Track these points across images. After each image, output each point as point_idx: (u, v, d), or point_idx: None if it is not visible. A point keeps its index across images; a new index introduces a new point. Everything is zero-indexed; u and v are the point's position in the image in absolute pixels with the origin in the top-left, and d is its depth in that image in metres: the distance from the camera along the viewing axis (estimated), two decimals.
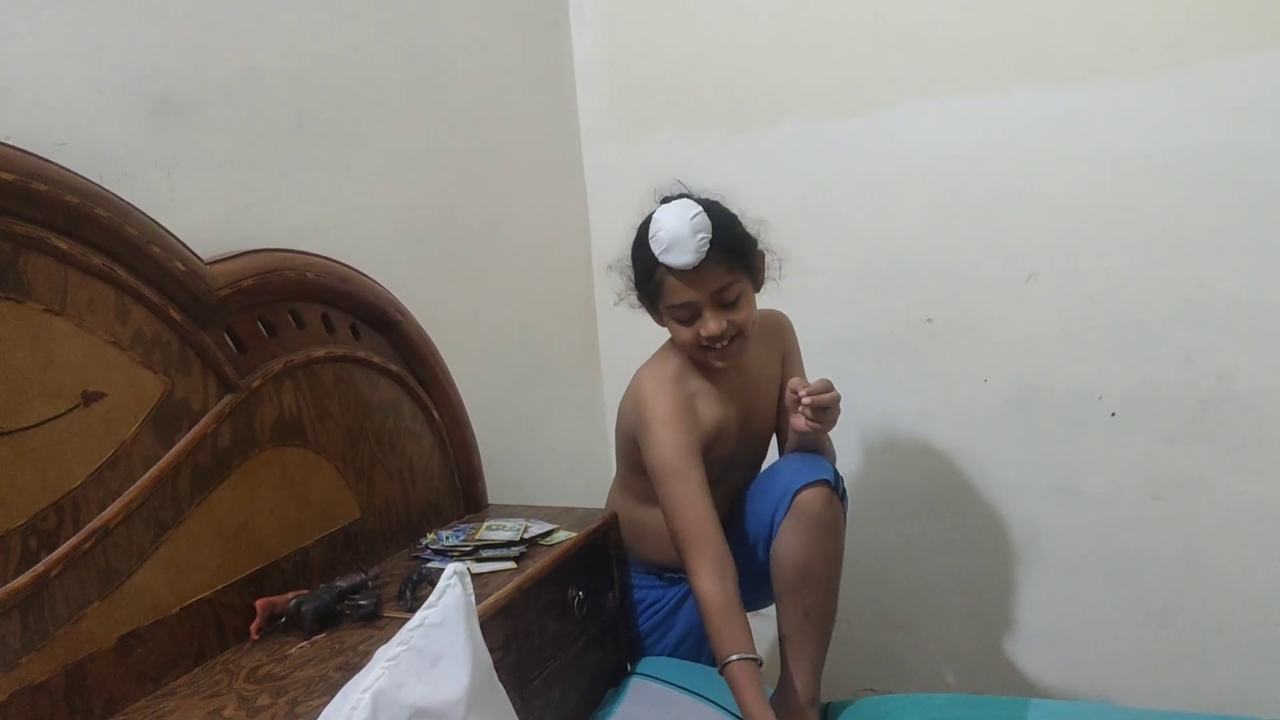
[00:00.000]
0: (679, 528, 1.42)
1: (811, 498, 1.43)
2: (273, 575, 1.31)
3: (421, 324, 1.58)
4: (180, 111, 1.28)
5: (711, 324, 1.48)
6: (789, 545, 1.45)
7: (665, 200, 1.52)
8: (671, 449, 1.46)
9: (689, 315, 1.50)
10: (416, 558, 1.50)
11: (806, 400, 1.42)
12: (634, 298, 1.59)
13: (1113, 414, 1.84)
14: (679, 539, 1.42)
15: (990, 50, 1.83)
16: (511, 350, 1.98)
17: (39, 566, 1.02)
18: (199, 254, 1.21)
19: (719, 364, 1.54)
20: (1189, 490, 1.81)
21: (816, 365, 1.74)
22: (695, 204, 1.47)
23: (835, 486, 1.46)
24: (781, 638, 1.49)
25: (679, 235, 1.43)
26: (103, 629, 1.09)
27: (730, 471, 1.62)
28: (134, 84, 1.22)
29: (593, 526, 1.58)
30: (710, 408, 1.56)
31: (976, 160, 1.87)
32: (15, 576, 1.01)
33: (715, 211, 1.49)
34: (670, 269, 1.47)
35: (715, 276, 1.47)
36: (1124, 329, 1.81)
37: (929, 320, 1.96)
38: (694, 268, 1.45)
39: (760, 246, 1.56)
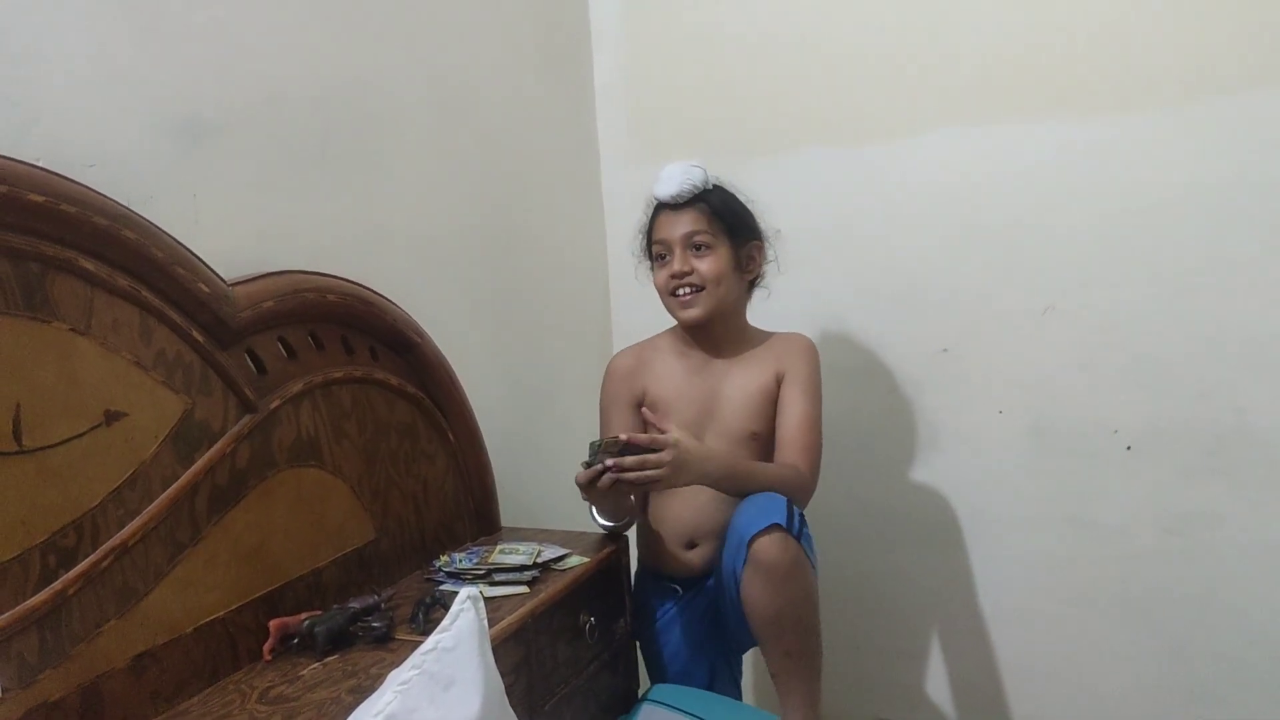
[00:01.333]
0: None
1: (766, 546, 1.41)
2: (286, 596, 1.32)
3: (439, 347, 1.59)
4: (206, 134, 1.29)
5: (675, 263, 1.64)
6: (754, 596, 1.44)
7: None
8: (604, 398, 1.72)
9: (664, 252, 1.67)
10: (430, 580, 1.50)
11: (609, 463, 1.43)
12: (647, 267, 1.73)
13: (1128, 448, 1.83)
14: None
15: (1011, 82, 1.83)
16: (527, 374, 1.99)
17: (57, 584, 1.03)
18: (222, 276, 1.22)
19: (683, 313, 1.66)
20: (1204, 525, 1.80)
21: (829, 391, 1.74)
22: (699, 167, 1.65)
23: (789, 527, 1.43)
24: (772, 676, 1.49)
25: (671, 173, 1.65)
26: (118, 647, 1.09)
27: None
28: (161, 106, 1.24)
29: (606, 552, 1.58)
30: (665, 374, 1.71)
31: (995, 191, 1.87)
32: (34, 594, 1.01)
33: (720, 183, 1.68)
34: (658, 202, 1.67)
35: (692, 220, 1.64)
36: (1141, 363, 1.80)
37: (944, 350, 1.96)
38: (675, 206, 1.64)
39: (759, 237, 1.70)
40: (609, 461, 1.42)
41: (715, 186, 1.66)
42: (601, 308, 2.26)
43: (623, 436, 1.45)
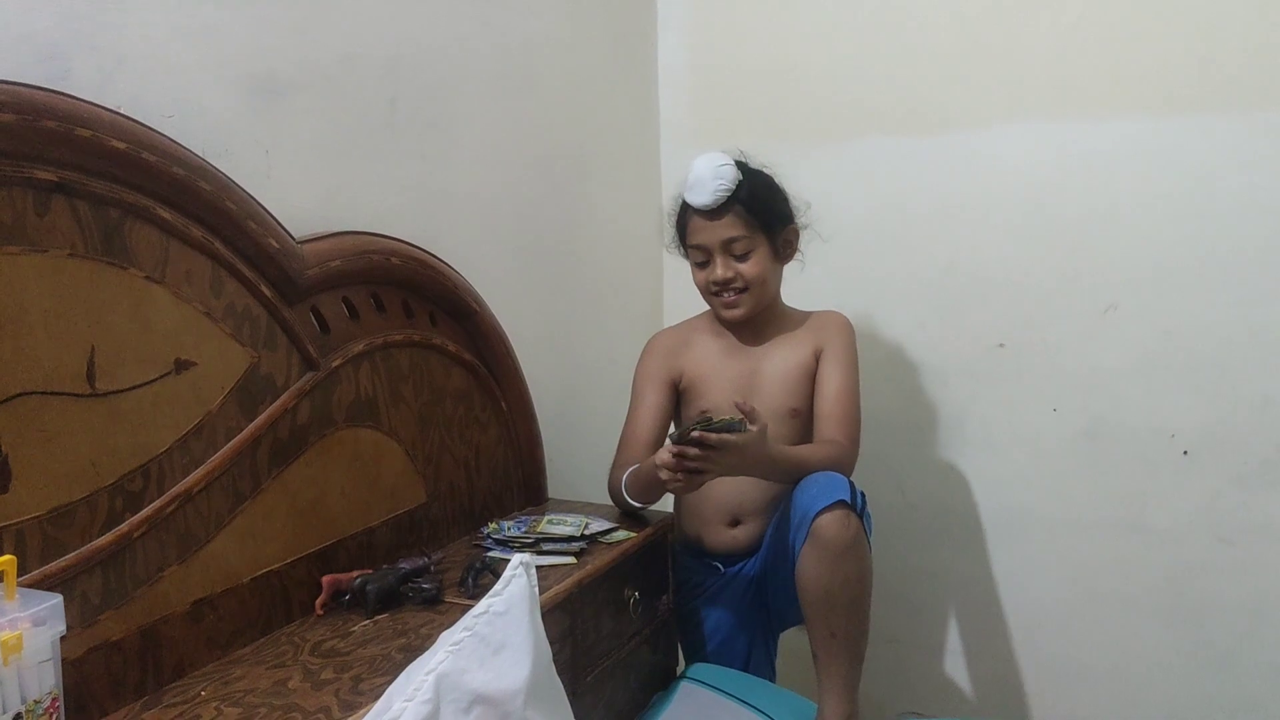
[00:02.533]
0: (621, 436, 1.69)
1: (828, 522, 1.41)
2: (339, 553, 1.33)
3: (496, 316, 1.60)
4: (281, 92, 1.30)
5: (718, 269, 1.64)
6: (809, 571, 1.44)
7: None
8: (640, 373, 1.73)
9: (703, 258, 1.67)
10: (478, 545, 1.51)
11: (671, 453, 1.42)
12: (678, 243, 1.73)
13: (1185, 453, 1.81)
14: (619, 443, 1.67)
15: (1084, 77, 1.80)
16: (579, 348, 2.00)
17: (123, 527, 1.04)
18: (291, 232, 1.23)
19: (726, 313, 1.68)
20: (1260, 536, 1.77)
21: (880, 382, 1.74)
22: (728, 158, 1.62)
23: (853, 504, 1.44)
24: (813, 656, 1.49)
25: (701, 177, 1.61)
26: (178, 593, 1.11)
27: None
28: (239, 62, 1.25)
29: (653, 528, 1.58)
30: (704, 355, 1.72)
31: (1062, 186, 1.85)
32: (100, 535, 1.03)
33: (748, 171, 1.64)
34: (691, 209, 1.64)
35: (729, 226, 1.62)
36: (1202, 367, 1.78)
37: (1001, 345, 1.94)
38: (710, 211, 1.62)
39: (793, 221, 1.68)
40: (695, 433, 1.40)
41: (745, 179, 1.63)
42: (654, 285, 2.26)
43: (695, 433, 1.41)
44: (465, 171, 1.66)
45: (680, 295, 2.03)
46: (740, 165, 1.64)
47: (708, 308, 1.76)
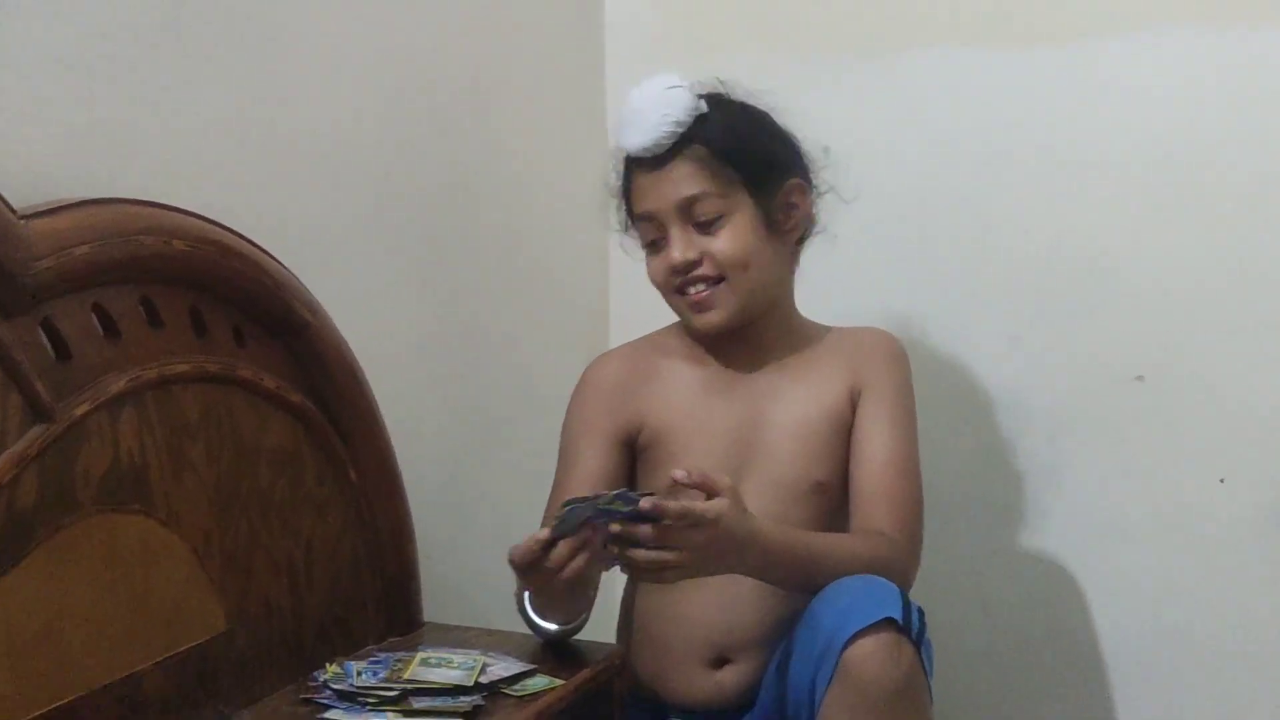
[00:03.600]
0: (544, 519, 1.61)
1: (868, 653, 1.41)
2: (84, 713, 1.29)
3: (343, 333, 1.58)
4: None
5: (675, 249, 1.64)
6: None
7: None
8: (571, 423, 1.73)
9: (655, 233, 1.68)
10: (309, 700, 1.48)
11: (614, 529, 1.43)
12: (626, 218, 1.76)
13: None
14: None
15: None
16: (478, 384, 1.98)
17: None
18: (10, 202, 1.20)
19: (697, 319, 1.67)
20: None
21: (946, 433, 1.76)
22: (681, 81, 1.63)
23: (906, 626, 1.44)
24: None
25: (639, 108, 1.63)
26: None
27: None
28: None
29: (589, 671, 1.56)
30: (675, 392, 1.72)
31: (1226, 133, 1.86)
32: None
33: (715, 99, 1.66)
34: (633, 161, 1.67)
35: (685, 180, 1.63)
36: None
37: (1139, 378, 1.94)
38: (656, 158, 1.63)
39: (796, 172, 1.70)
40: (614, 527, 1.41)
41: (712, 109, 1.65)
42: (597, 282, 2.24)
43: (644, 503, 1.41)
44: (297, 105, 1.64)
45: (636, 297, 2.04)
46: (709, 97, 1.65)
47: (676, 317, 1.76)
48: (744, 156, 1.64)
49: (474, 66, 1.96)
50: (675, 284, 1.66)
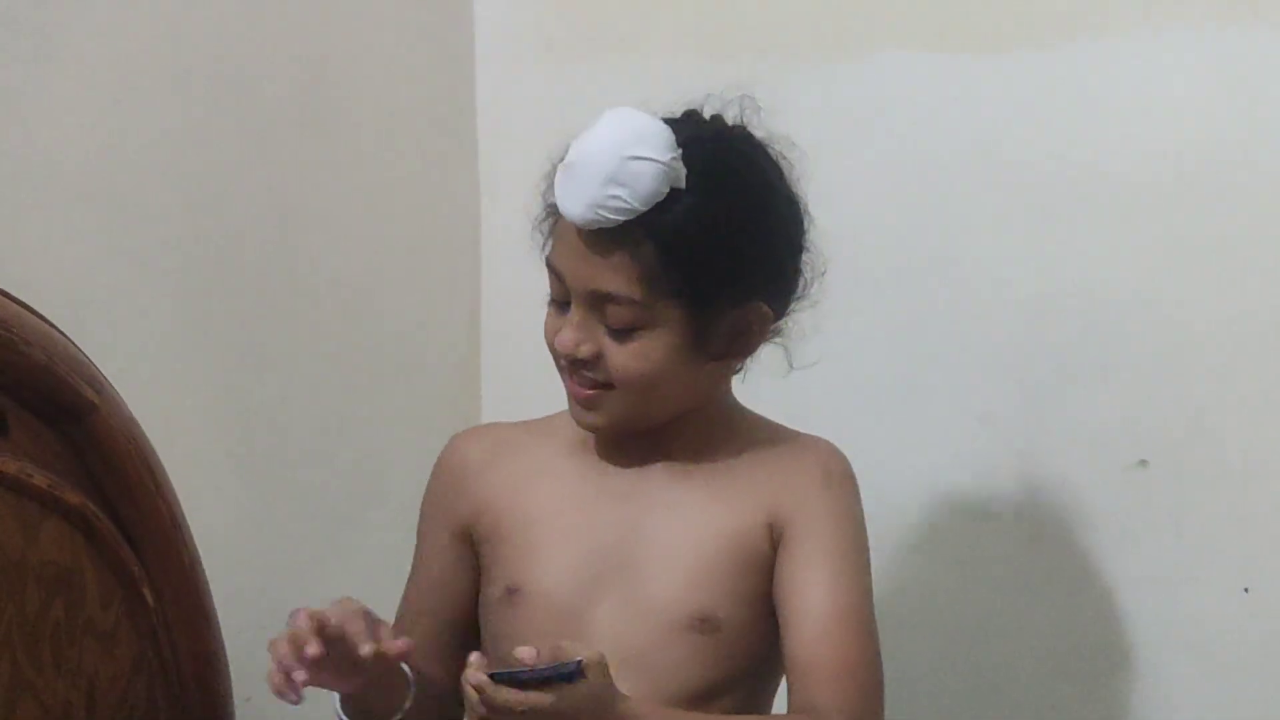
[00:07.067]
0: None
1: None
2: None
3: (135, 415, 1.51)
4: None
5: (566, 331, 1.50)
6: None
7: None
8: (421, 513, 1.65)
9: (561, 297, 1.54)
10: None
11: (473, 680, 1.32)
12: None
13: None
14: None
15: None
16: (319, 476, 1.95)
17: None
18: None
19: (576, 413, 1.56)
20: None
21: (900, 549, 1.76)
22: (665, 129, 1.42)
23: None
24: None
25: (584, 159, 1.42)
26: None
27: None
28: None
29: None
30: (541, 483, 1.61)
31: (1261, 150, 1.77)
32: None
33: (706, 163, 1.45)
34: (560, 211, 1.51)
35: (610, 274, 1.46)
36: None
37: (1142, 462, 1.83)
38: (581, 229, 1.45)
39: (766, 287, 1.52)
40: (471, 678, 1.29)
41: (689, 185, 1.46)
42: (465, 345, 2.17)
43: (524, 657, 1.30)
44: (72, 103, 1.62)
45: (513, 362, 2.08)
46: (699, 154, 1.46)
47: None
48: (700, 268, 1.46)
49: (309, 65, 1.92)
50: (562, 364, 1.55)
